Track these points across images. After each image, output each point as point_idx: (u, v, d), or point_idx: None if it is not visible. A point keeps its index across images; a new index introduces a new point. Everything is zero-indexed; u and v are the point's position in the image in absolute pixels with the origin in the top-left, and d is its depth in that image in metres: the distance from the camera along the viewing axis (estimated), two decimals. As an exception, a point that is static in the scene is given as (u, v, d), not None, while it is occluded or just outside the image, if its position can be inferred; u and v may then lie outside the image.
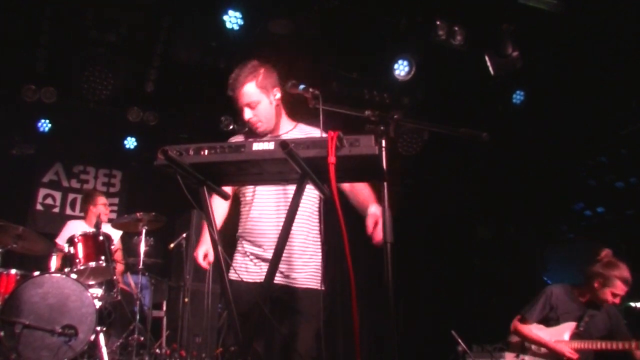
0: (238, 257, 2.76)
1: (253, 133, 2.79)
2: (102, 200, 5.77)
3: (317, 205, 2.74)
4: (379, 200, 2.18)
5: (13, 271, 4.51)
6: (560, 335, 4.02)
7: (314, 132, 2.72)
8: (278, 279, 2.59)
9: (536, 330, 4.07)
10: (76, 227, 5.42)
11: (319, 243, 2.72)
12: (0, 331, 4.03)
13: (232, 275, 2.62)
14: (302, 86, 2.47)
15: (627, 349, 3.73)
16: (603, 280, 3.94)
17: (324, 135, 1.90)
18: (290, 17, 5.41)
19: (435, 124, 2.56)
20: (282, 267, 2.59)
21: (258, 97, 2.67)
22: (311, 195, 2.71)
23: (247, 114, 2.68)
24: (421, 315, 7.33)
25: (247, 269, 2.69)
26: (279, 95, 2.73)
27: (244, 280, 2.64)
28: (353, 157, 1.86)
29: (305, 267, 2.67)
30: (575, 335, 3.98)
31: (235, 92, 2.68)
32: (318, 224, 2.74)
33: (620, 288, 3.91)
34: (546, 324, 4.10)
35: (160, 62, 6.08)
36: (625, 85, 5.59)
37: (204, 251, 2.76)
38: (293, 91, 2.54)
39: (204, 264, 2.76)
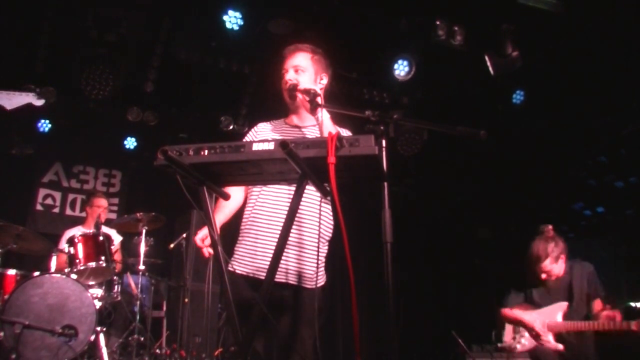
0: (238, 250, 2.75)
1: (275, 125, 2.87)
2: (97, 202, 5.74)
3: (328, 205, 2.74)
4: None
5: (13, 271, 4.51)
6: (552, 316, 3.98)
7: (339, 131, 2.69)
8: (281, 278, 2.58)
9: (522, 312, 4.10)
10: (74, 233, 5.40)
11: (321, 242, 2.70)
12: (0, 331, 4.03)
13: (230, 267, 2.62)
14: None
15: (626, 329, 3.67)
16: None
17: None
18: (290, 17, 5.41)
19: (433, 123, 2.57)
20: (286, 265, 2.60)
21: (307, 66, 2.74)
22: (317, 196, 2.69)
23: (290, 74, 2.74)
24: (421, 315, 7.33)
25: (246, 262, 2.68)
26: (324, 82, 2.71)
27: (240, 272, 2.65)
28: (353, 157, 1.86)
29: (310, 267, 2.65)
30: (567, 316, 3.95)
31: (289, 52, 2.78)
32: (324, 224, 2.73)
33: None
34: (537, 307, 4.12)
35: (160, 62, 6.08)
36: (625, 85, 5.59)
37: (204, 234, 2.63)
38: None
39: (200, 243, 2.63)
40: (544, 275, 4.04)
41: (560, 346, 3.87)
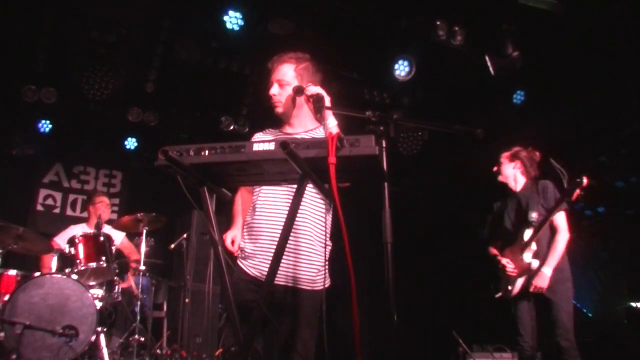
0: (241, 253, 2.76)
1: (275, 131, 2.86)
2: (99, 199, 5.73)
3: (325, 207, 2.72)
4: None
5: (13, 272, 4.51)
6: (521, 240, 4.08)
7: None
8: (281, 280, 2.58)
9: (508, 253, 4.21)
10: (77, 231, 5.40)
11: (325, 244, 2.70)
12: (0, 332, 4.03)
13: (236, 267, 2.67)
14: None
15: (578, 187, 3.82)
16: None
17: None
18: (290, 18, 5.41)
19: (432, 123, 2.57)
20: (286, 268, 2.59)
21: (290, 79, 2.71)
22: (320, 197, 2.69)
23: (274, 89, 2.74)
24: (421, 315, 7.33)
25: (249, 266, 2.68)
26: (311, 92, 2.59)
27: (243, 275, 2.64)
28: (353, 157, 1.86)
29: (310, 269, 2.64)
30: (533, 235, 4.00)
31: (273, 65, 2.77)
32: (325, 226, 2.72)
33: None
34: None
35: (160, 63, 6.09)
36: (625, 85, 5.59)
37: (233, 236, 2.77)
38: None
39: (231, 247, 2.74)
40: (495, 168, 4.36)
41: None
